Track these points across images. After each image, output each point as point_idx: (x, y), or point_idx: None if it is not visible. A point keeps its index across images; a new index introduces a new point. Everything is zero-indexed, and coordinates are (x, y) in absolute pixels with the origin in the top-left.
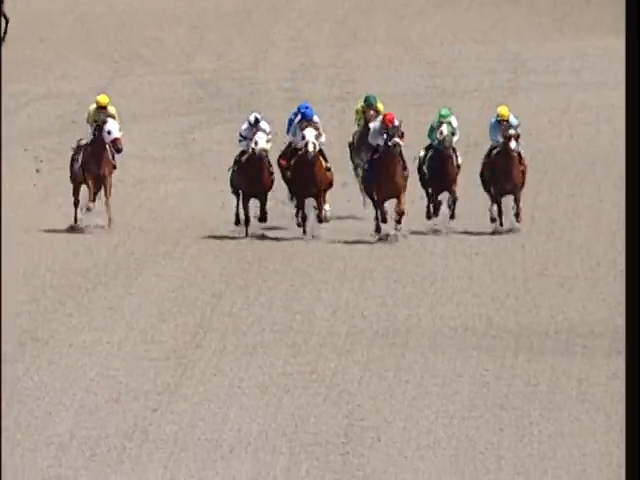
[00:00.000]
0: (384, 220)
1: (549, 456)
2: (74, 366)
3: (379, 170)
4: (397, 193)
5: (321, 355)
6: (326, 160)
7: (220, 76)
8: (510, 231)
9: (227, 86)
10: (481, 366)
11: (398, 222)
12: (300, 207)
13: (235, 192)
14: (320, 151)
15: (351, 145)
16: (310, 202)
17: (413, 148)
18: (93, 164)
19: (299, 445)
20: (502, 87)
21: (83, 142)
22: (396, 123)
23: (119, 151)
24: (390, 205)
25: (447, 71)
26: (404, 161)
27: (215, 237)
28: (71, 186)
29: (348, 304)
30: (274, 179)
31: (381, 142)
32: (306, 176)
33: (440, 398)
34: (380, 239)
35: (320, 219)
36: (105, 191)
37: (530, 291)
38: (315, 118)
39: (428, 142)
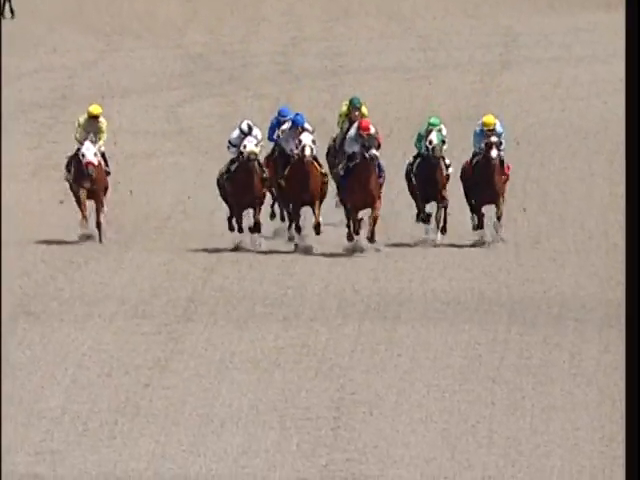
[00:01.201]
0: (357, 232)
1: (541, 430)
2: (66, 340)
3: (353, 179)
4: (371, 203)
5: (312, 329)
6: (321, 166)
7: (211, 50)
8: (493, 241)
9: (218, 60)
10: (473, 339)
11: (371, 237)
12: (295, 216)
13: (224, 199)
14: (315, 158)
15: (331, 148)
16: (304, 212)
17: (404, 124)
18: (83, 180)
19: (290, 419)
20: (494, 61)
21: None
22: (372, 131)
23: (89, 175)
24: (365, 214)
25: (439, 45)
26: (380, 170)
27: (206, 211)
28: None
29: (339, 278)
30: (266, 186)
31: (357, 150)
32: (301, 183)
33: (432, 372)
34: (353, 249)
35: (317, 228)
36: (97, 206)
37: (522, 265)
38: (307, 125)
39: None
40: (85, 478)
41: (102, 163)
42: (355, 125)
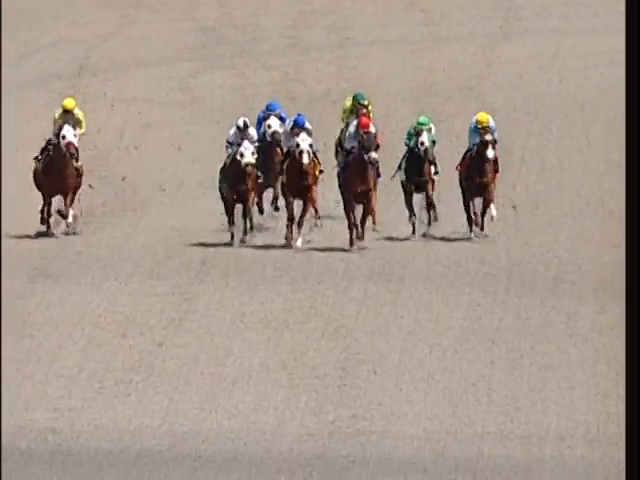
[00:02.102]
0: (353, 228)
1: (538, 388)
2: (83, 302)
3: (350, 172)
4: (365, 195)
5: (319, 291)
6: (319, 163)
7: (223, 23)
8: (485, 236)
9: (229, 33)
10: (473, 301)
11: (362, 235)
12: (291, 208)
13: (222, 197)
14: (314, 154)
15: (338, 145)
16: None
17: (408, 94)
18: (53, 175)
19: (298, 378)
20: (495, 33)
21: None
22: (371, 129)
23: (72, 155)
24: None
25: (441, 18)
26: (377, 170)
27: (217, 178)
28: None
29: (345, 243)
30: (257, 182)
31: (355, 145)
32: (298, 179)
33: (434, 332)
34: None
35: (312, 215)
36: (65, 200)
37: (521, 229)
38: (307, 125)
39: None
40: (101, 433)
41: (77, 154)
42: (354, 122)
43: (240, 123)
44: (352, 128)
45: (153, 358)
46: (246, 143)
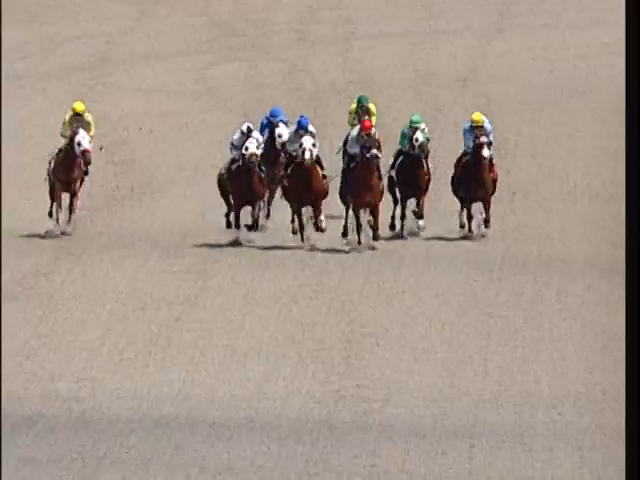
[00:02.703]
0: (358, 232)
1: (531, 359)
2: (104, 279)
3: (355, 180)
4: (372, 203)
5: (326, 269)
6: (322, 168)
7: (235, 18)
8: (482, 236)
9: (242, 27)
10: (470, 278)
11: (375, 238)
12: (297, 215)
13: (224, 196)
14: (317, 159)
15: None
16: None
17: (408, 84)
18: (62, 173)
19: (306, 350)
20: (490, 28)
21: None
22: (373, 131)
23: (88, 163)
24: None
25: (440, 13)
26: (380, 172)
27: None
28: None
29: (351, 225)
30: (265, 185)
31: (358, 151)
32: (303, 184)
33: (433, 307)
34: (346, 244)
35: (318, 227)
36: (72, 201)
37: (515, 212)
38: (310, 128)
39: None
40: (121, 401)
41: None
42: (357, 126)
43: (244, 128)
44: (355, 132)
45: (170, 331)
46: (251, 139)
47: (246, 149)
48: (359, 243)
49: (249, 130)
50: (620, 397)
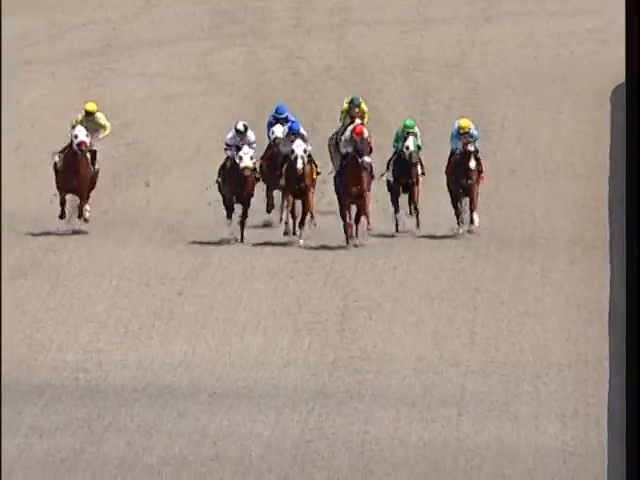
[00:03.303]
0: (349, 227)
1: (517, 331)
2: (110, 255)
3: (346, 175)
4: (360, 199)
5: (321, 246)
6: (316, 165)
7: (235, 6)
8: (469, 232)
9: (241, 15)
10: (458, 255)
11: (367, 224)
12: (290, 211)
13: (220, 190)
14: (310, 157)
15: (331, 139)
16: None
17: (399, 70)
18: (68, 173)
19: (302, 323)
20: (477, 16)
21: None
22: (365, 134)
23: (83, 152)
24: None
25: (430, 1)
26: (372, 171)
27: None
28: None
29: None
30: (255, 182)
31: (350, 150)
32: (295, 183)
33: (423, 282)
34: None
35: (301, 224)
36: (81, 200)
37: (500, 191)
38: (302, 131)
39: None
40: (126, 372)
41: (89, 160)
42: (350, 128)
43: (240, 127)
44: (347, 133)
45: (173, 305)
46: (245, 148)
47: (240, 159)
48: (347, 242)
49: (245, 128)
50: (601, 367)
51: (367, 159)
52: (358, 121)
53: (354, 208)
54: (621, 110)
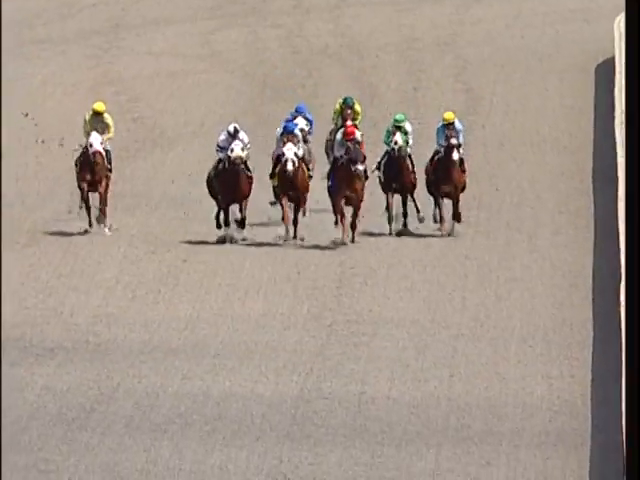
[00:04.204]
0: (342, 229)
1: (505, 297)
2: (119, 224)
3: (338, 179)
4: (355, 202)
5: (319, 216)
6: (308, 169)
7: None
8: (449, 235)
9: None
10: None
11: (352, 237)
12: (284, 214)
13: (213, 196)
14: (302, 159)
15: (328, 141)
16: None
17: (393, 48)
18: (85, 175)
19: (301, 289)
20: None
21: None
22: (357, 136)
23: (97, 164)
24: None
25: None
26: (366, 173)
27: (236, 116)
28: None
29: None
30: (252, 184)
31: (342, 153)
32: (288, 184)
33: (416, 250)
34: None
35: (302, 214)
36: (100, 200)
37: (489, 163)
38: (296, 131)
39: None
40: (134, 336)
41: (104, 160)
42: (341, 130)
43: (231, 129)
44: (339, 136)
45: (179, 272)
46: (237, 141)
47: (231, 151)
48: (342, 238)
49: (235, 131)
50: (585, 331)
51: (360, 167)
52: (349, 122)
53: (348, 209)
54: (604, 86)
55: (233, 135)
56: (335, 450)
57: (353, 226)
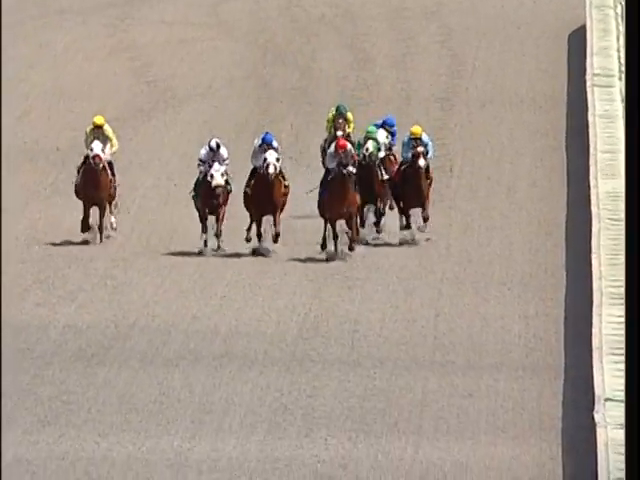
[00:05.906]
0: (335, 242)
1: (485, 244)
2: (133, 179)
3: (331, 193)
4: (348, 216)
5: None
6: (285, 179)
7: None
8: (421, 231)
9: None
10: (434, 177)
11: (350, 249)
12: (257, 225)
13: (196, 207)
14: (280, 172)
15: (323, 150)
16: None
17: (384, 17)
18: (89, 188)
19: (300, 237)
20: None
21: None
22: (349, 148)
23: (97, 166)
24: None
25: None
26: (355, 186)
27: (241, 79)
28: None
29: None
30: (228, 197)
31: (334, 166)
32: (265, 195)
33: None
34: (327, 259)
35: (276, 237)
36: (101, 212)
37: (472, 121)
38: (274, 144)
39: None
40: (148, 279)
41: (108, 171)
42: (333, 144)
43: (213, 144)
44: (332, 149)
45: (189, 221)
46: (216, 165)
47: (212, 177)
48: (335, 252)
49: (217, 146)
50: (559, 274)
51: (351, 168)
52: (340, 133)
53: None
54: (576, 51)
55: (214, 150)
56: (331, 383)
57: (353, 238)
